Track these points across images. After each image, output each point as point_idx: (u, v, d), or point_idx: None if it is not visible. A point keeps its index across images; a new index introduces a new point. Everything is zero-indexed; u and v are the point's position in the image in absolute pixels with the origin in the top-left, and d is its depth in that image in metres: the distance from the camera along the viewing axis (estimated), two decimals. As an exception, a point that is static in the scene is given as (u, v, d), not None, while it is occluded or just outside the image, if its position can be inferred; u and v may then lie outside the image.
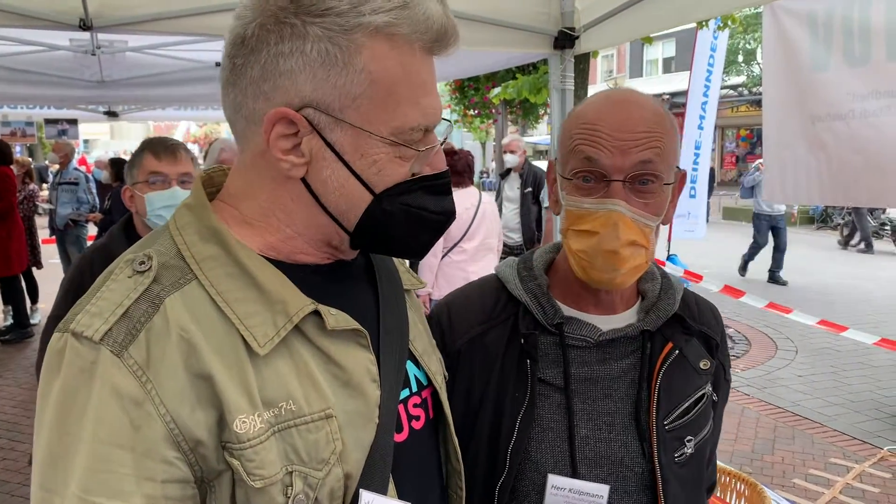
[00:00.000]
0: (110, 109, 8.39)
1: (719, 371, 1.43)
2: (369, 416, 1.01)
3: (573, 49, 3.33)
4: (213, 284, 0.94)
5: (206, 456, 0.90)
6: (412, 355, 1.16)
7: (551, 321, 1.35)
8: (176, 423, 0.87)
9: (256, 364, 0.93)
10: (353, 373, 1.00)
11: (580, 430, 1.31)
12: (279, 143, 0.95)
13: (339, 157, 0.96)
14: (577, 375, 1.33)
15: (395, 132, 0.95)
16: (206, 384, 0.89)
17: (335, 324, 0.99)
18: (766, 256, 11.98)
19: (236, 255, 0.97)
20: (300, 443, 0.94)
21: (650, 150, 1.22)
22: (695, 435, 1.35)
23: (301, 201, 0.99)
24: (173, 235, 0.99)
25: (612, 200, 1.23)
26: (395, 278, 1.20)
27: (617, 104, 1.28)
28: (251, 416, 0.90)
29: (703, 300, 1.50)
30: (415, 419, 1.14)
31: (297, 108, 0.93)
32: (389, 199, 0.98)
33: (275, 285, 0.97)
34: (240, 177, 1.04)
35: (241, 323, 0.93)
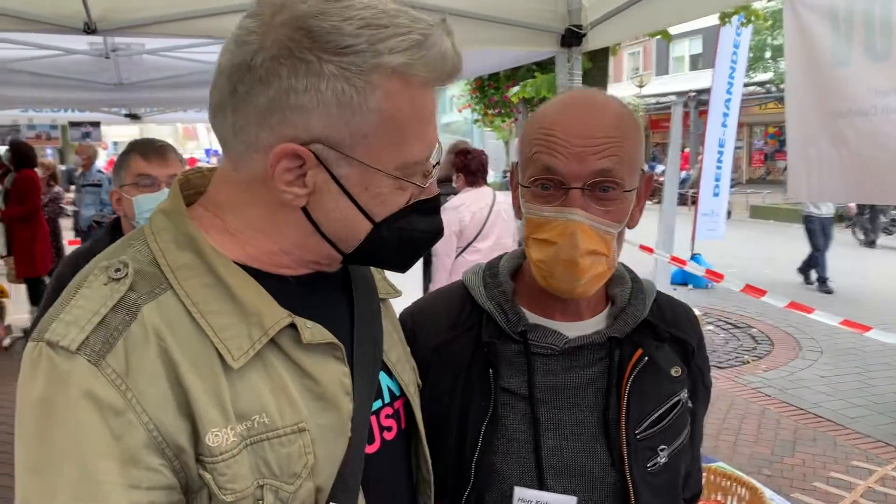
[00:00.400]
0: (132, 112, 8.50)
1: (697, 377, 1.39)
2: (342, 430, 1.00)
3: (580, 47, 3.30)
4: (189, 295, 0.93)
5: (189, 464, 0.89)
6: (385, 366, 1.15)
7: (515, 329, 1.32)
8: (159, 430, 0.86)
9: (230, 377, 0.92)
10: (327, 386, 0.99)
11: (546, 440, 1.27)
12: (284, 175, 0.93)
13: (344, 191, 0.95)
14: (543, 384, 1.30)
15: (401, 167, 0.96)
16: (183, 395, 0.88)
17: (311, 337, 0.98)
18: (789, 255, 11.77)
19: (212, 264, 0.96)
20: (272, 456, 0.93)
21: (609, 158, 1.19)
22: (668, 444, 1.30)
23: (297, 227, 0.99)
24: (148, 241, 0.97)
25: (570, 209, 1.20)
26: (371, 287, 1.19)
27: (575, 108, 1.24)
28: (224, 429, 0.89)
29: (677, 303, 1.46)
30: (386, 430, 1.13)
31: (306, 143, 0.91)
32: (387, 226, 0.99)
33: (251, 297, 0.96)
34: (229, 190, 1.01)
35: (216, 335, 0.92)
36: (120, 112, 8.58)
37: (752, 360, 7.56)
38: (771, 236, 17.47)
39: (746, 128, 30.73)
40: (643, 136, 1.28)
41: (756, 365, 7.38)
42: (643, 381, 1.29)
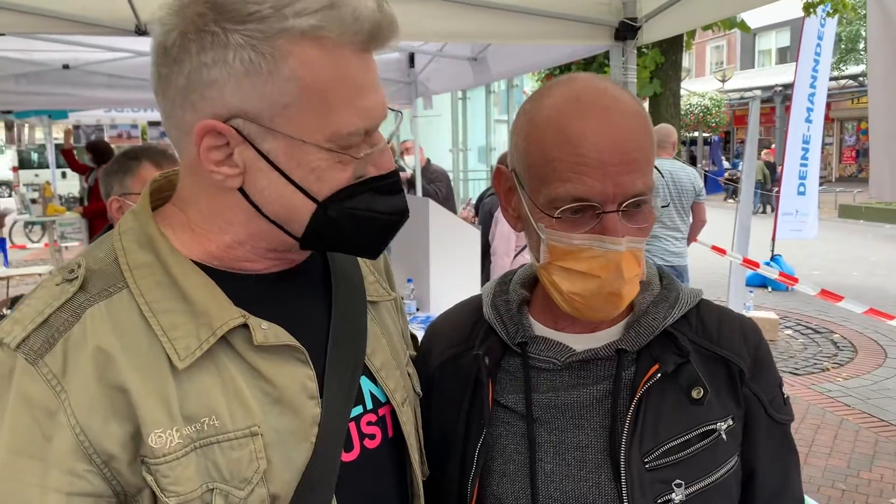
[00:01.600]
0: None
1: (753, 405, 1.17)
2: (303, 435, 0.97)
3: (635, 40, 3.18)
4: (143, 293, 0.93)
5: (121, 471, 0.88)
6: (368, 371, 1.11)
7: (513, 340, 1.20)
8: (86, 436, 0.86)
9: (178, 377, 0.91)
10: (285, 389, 0.96)
11: (544, 464, 1.15)
12: (210, 154, 0.91)
13: (274, 167, 0.92)
14: (542, 401, 1.17)
15: (332, 139, 0.91)
16: (122, 397, 0.87)
17: (264, 339, 0.95)
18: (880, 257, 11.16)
19: (167, 263, 0.95)
20: (222, 460, 0.91)
21: (642, 173, 1.05)
22: (688, 480, 1.10)
23: (240, 211, 0.96)
24: (114, 241, 0.98)
25: (611, 239, 1.04)
26: (356, 288, 1.14)
27: (598, 114, 1.06)
28: (168, 430, 0.88)
29: (732, 316, 1.24)
30: (368, 437, 1.08)
31: (226, 119, 0.89)
32: (334, 205, 0.94)
33: (201, 296, 0.94)
34: (184, 182, 1.02)
35: (165, 335, 0.91)
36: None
37: (831, 366, 7.19)
38: (861, 237, 16.64)
39: (837, 123, 29.38)
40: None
41: (836, 372, 7.02)
42: (660, 400, 1.12)
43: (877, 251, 13.91)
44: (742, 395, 1.16)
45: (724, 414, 1.14)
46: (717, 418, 1.13)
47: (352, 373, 1.05)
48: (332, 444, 0.99)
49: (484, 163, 18.91)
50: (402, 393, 1.15)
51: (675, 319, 1.17)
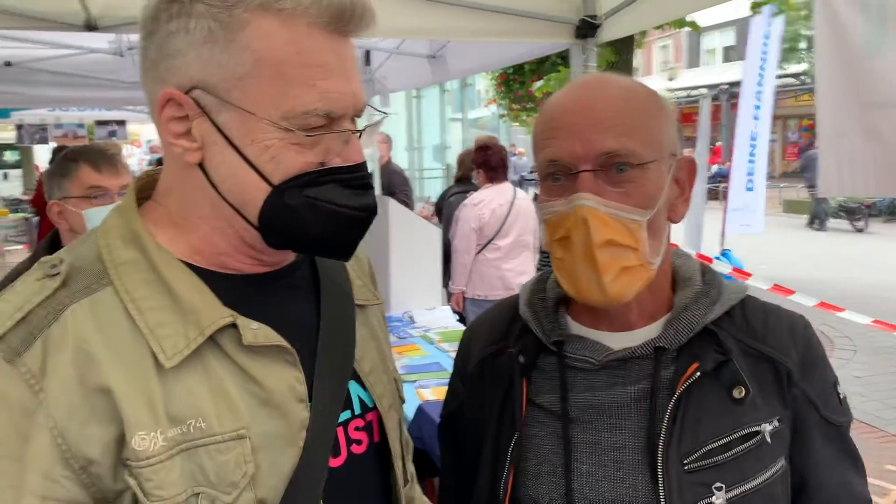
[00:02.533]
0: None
1: (803, 406, 1.13)
2: (291, 439, 0.94)
3: (595, 38, 3.19)
4: (128, 291, 0.89)
5: (101, 475, 0.85)
6: (357, 375, 1.08)
7: (549, 338, 1.17)
8: (64, 439, 0.83)
9: (164, 377, 0.87)
10: (273, 392, 0.93)
11: (580, 465, 1.11)
12: (171, 126, 0.91)
13: (229, 142, 0.89)
14: (579, 401, 1.14)
15: (287, 116, 0.87)
16: (105, 398, 0.84)
17: (254, 339, 0.92)
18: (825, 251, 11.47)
19: (154, 260, 0.92)
20: (209, 463, 0.88)
21: (616, 132, 1.04)
22: (729, 483, 1.06)
23: (203, 191, 0.93)
24: (98, 238, 0.95)
25: (577, 195, 1.03)
26: (344, 292, 1.12)
27: (579, 90, 1.11)
28: (152, 432, 0.85)
29: (780, 313, 1.18)
30: (355, 443, 1.06)
31: (187, 91, 0.88)
32: (291, 191, 0.90)
33: (190, 294, 0.91)
34: (164, 172, 1.00)
35: (151, 333, 0.88)
36: (144, 110, 8.65)
37: (782, 358, 7.36)
38: (805, 232, 17.11)
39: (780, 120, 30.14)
40: (671, 117, 1.11)
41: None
42: (701, 400, 1.09)
43: (821, 245, 14.32)
44: (790, 395, 1.12)
45: (769, 415, 1.10)
46: (762, 420, 1.09)
47: (341, 377, 1.03)
48: (320, 448, 0.97)
49: (439, 161, 18.97)
50: (388, 398, 1.13)
51: (718, 316, 1.14)
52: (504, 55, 4.23)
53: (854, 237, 16.03)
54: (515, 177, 15.61)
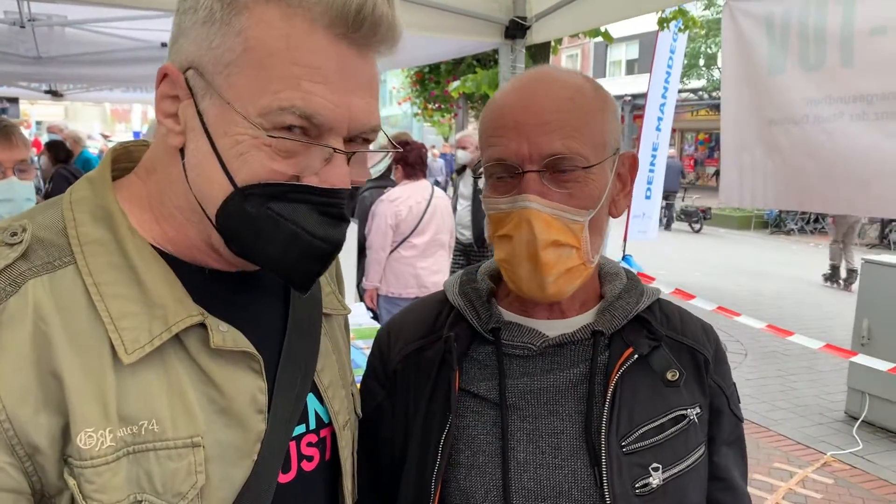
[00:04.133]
0: (52, 88, 8.06)
1: (717, 396, 1.20)
2: (246, 451, 0.88)
3: (524, 39, 3.22)
4: (92, 273, 0.81)
5: (45, 467, 0.77)
6: (316, 388, 1.03)
7: (486, 326, 1.17)
8: (12, 424, 0.75)
9: (121, 373, 0.80)
10: (233, 399, 0.87)
11: (517, 453, 1.10)
12: (163, 104, 0.85)
13: (204, 129, 0.83)
14: (516, 388, 1.13)
15: (263, 112, 0.80)
16: (57, 386, 0.77)
17: (221, 342, 0.86)
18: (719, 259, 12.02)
19: (124, 243, 0.84)
20: (156, 470, 0.81)
21: (561, 134, 1.04)
22: (664, 463, 1.10)
23: (180, 179, 0.87)
24: (64, 209, 0.86)
25: (522, 196, 1.05)
26: (315, 299, 1.06)
27: (524, 86, 1.11)
28: (101, 430, 0.78)
29: (692, 316, 1.26)
30: (306, 459, 1.01)
31: (184, 70, 0.83)
32: (254, 199, 0.82)
33: (160, 286, 0.84)
34: (151, 148, 0.94)
35: (112, 322, 0.80)
36: (40, 88, 8.12)
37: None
38: (699, 239, 17.92)
39: (678, 133, 31.46)
40: (615, 112, 1.13)
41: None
42: (635, 384, 1.12)
43: (714, 253, 15.03)
44: (708, 384, 1.18)
45: (692, 401, 1.15)
46: (687, 404, 1.14)
47: (300, 389, 0.98)
48: (272, 463, 0.91)
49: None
50: (344, 415, 1.07)
51: (646, 307, 1.19)
52: (430, 51, 4.22)
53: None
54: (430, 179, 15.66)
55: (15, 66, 5.85)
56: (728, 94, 5.38)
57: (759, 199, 5.17)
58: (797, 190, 4.74)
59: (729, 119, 5.37)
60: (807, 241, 17.81)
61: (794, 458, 5.25)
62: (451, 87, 10.05)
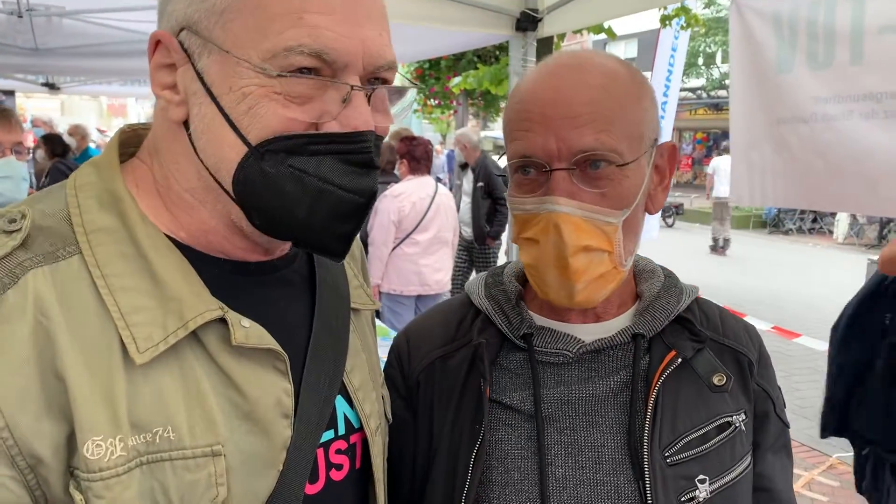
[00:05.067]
0: (49, 81, 7.97)
1: (761, 401, 1.11)
2: (271, 461, 0.81)
3: (535, 32, 3.16)
4: (99, 264, 0.74)
5: (49, 480, 0.70)
6: (345, 390, 0.95)
7: (517, 332, 1.09)
8: (11, 433, 0.67)
9: (132, 374, 0.72)
10: (258, 403, 0.79)
11: (555, 469, 1.02)
12: (159, 75, 0.78)
13: (206, 90, 0.76)
14: (552, 398, 1.05)
15: (268, 56, 0.73)
16: (61, 388, 0.69)
17: (244, 339, 0.78)
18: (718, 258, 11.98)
19: (135, 231, 0.77)
20: (172, 482, 0.73)
21: (593, 128, 0.96)
22: (711, 475, 1.02)
23: (188, 156, 0.80)
24: (68, 195, 0.79)
25: (550, 198, 0.96)
26: (341, 293, 0.98)
27: (552, 73, 1.02)
28: (110, 438, 0.70)
29: (733, 316, 1.18)
30: (335, 468, 0.93)
31: (177, 33, 0.76)
32: (272, 156, 0.75)
33: (175, 277, 0.77)
34: (153, 128, 0.86)
35: (122, 318, 0.73)
36: (37, 80, 8.03)
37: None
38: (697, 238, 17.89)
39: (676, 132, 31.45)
40: (653, 99, 1.05)
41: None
42: (678, 390, 1.04)
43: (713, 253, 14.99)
44: (752, 389, 1.10)
45: (737, 407, 1.07)
46: (732, 411, 1.06)
47: (328, 391, 0.89)
48: (298, 473, 0.84)
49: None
50: (376, 419, 1.00)
51: (687, 306, 1.11)
52: (437, 44, 4.15)
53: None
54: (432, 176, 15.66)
55: (12, 58, 5.77)
56: (736, 93, 5.32)
57: (769, 197, 5.11)
58: (806, 188, 4.68)
59: (737, 117, 5.32)
60: (805, 240, 17.79)
61: (799, 460, 5.20)
62: (452, 84, 9.98)
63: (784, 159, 4.83)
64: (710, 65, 25.49)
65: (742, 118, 5.18)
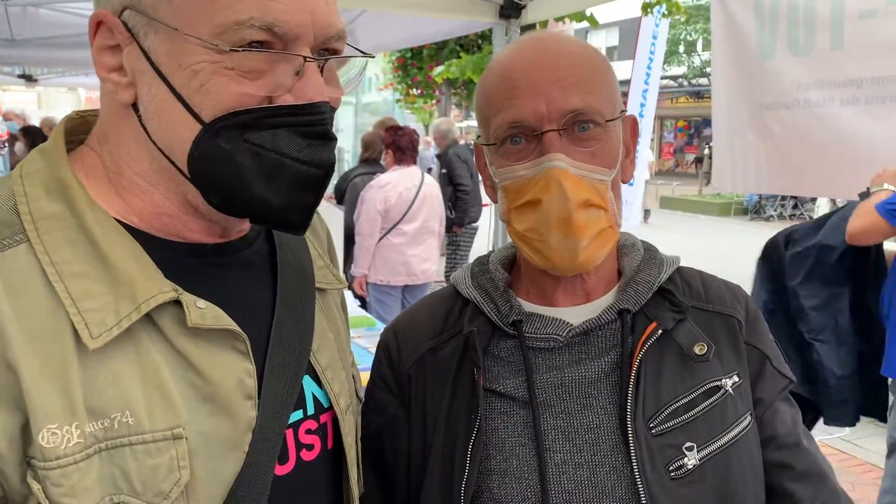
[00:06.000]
0: (26, 73, 7.87)
1: (756, 360, 1.10)
2: (235, 443, 0.80)
3: (519, 19, 3.15)
4: (48, 251, 0.73)
5: (5, 472, 0.69)
6: (313, 370, 0.94)
7: (506, 319, 1.08)
8: None
9: (86, 360, 0.72)
10: (218, 385, 0.79)
11: (553, 454, 1.02)
12: (102, 58, 0.77)
13: (155, 70, 0.74)
14: (545, 383, 1.05)
15: (217, 31, 0.72)
16: (12, 379, 0.68)
17: (200, 320, 0.77)
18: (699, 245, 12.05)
19: (83, 216, 0.76)
20: (133, 467, 0.73)
21: (578, 89, 0.99)
22: (700, 442, 1.01)
23: (138, 139, 0.79)
24: (14, 184, 0.78)
25: (547, 157, 0.98)
26: (305, 273, 0.97)
27: (529, 47, 1.06)
28: (66, 426, 0.70)
29: (716, 279, 1.19)
30: (306, 448, 0.92)
31: (119, 13, 0.75)
32: (227, 133, 0.75)
33: (126, 261, 0.76)
34: (100, 114, 0.84)
35: (74, 304, 0.72)
36: (13, 72, 7.92)
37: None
38: (679, 225, 18.01)
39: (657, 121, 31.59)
40: (615, 76, 1.09)
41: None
42: (660, 361, 1.04)
43: (696, 240, 15.10)
44: (745, 348, 1.10)
45: (727, 370, 1.06)
46: (722, 375, 1.05)
47: (294, 371, 0.89)
48: (266, 454, 0.83)
49: (330, 143, 18.68)
50: (346, 398, 0.99)
51: (668, 277, 1.12)
52: (420, 32, 4.13)
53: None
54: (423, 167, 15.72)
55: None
56: (718, 80, 5.35)
57: (752, 183, 5.16)
58: (790, 174, 4.72)
59: (720, 104, 5.35)
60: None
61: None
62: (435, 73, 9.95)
63: (767, 146, 4.86)
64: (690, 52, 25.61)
65: (724, 105, 5.21)
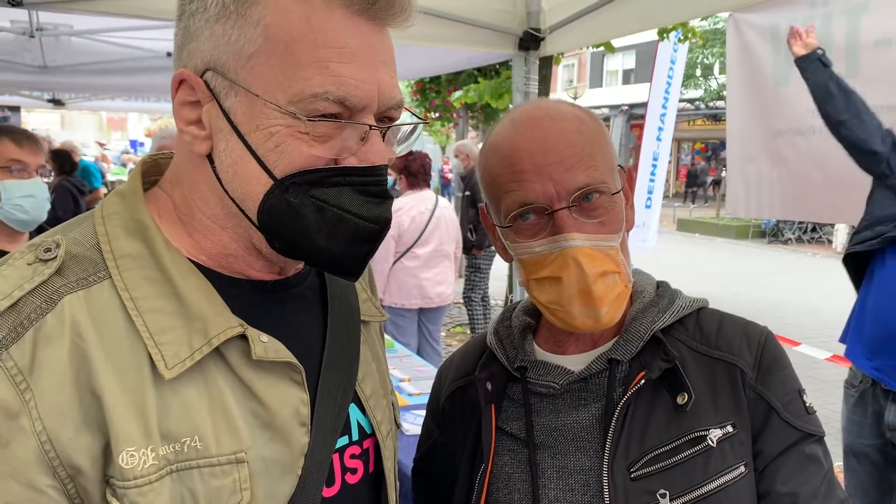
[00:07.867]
0: (55, 97, 8.05)
1: (760, 409, 1.09)
2: (290, 467, 0.87)
3: (538, 51, 3.23)
4: (128, 288, 0.80)
5: (88, 489, 0.76)
6: (357, 398, 1.01)
7: (512, 364, 1.20)
8: (53, 445, 0.74)
9: (161, 389, 0.79)
10: (277, 413, 0.86)
11: (548, 491, 1.11)
12: (183, 112, 0.84)
13: (233, 128, 0.81)
14: (544, 426, 1.15)
15: (294, 100, 0.79)
16: (96, 404, 0.75)
17: (263, 353, 0.84)
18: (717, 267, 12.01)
19: (160, 256, 0.83)
20: (200, 488, 0.80)
21: (581, 167, 1.07)
22: (674, 490, 1.03)
23: (211, 186, 0.86)
24: (96, 224, 0.85)
25: (562, 237, 1.06)
26: (352, 306, 1.05)
27: (529, 126, 1.12)
28: (143, 449, 0.77)
29: (735, 321, 1.18)
30: (350, 472, 0.99)
31: (201, 73, 0.82)
32: (296, 188, 0.82)
33: (198, 298, 0.83)
34: (175, 160, 0.92)
35: (151, 338, 0.79)
36: (42, 97, 8.11)
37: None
38: (697, 248, 17.95)
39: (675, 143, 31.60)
40: (608, 135, 1.17)
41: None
42: (650, 408, 1.09)
43: (712, 262, 15.06)
44: (746, 398, 1.09)
45: (718, 420, 1.07)
46: (710, 425, 1.06)
47: (342, 399, 0.96)
48: (316, 477, 0.90)
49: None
50: (387, 425, 1.07)
51: (667, 324, 1.15)
52: (440, 62, 4.22)
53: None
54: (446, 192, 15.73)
55: (20, 76, 5.85)
56: (733, 106, 5.41)
57: (766, 209, 5.19)
58: (804, 200, 4.75)
59: (734, 130, 5.40)
60: (804, 250, 17.87)
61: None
62: (453, 98, 10.06)
63: (781, 172, 4.90)
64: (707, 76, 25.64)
65: (739, 131, 5.27)
